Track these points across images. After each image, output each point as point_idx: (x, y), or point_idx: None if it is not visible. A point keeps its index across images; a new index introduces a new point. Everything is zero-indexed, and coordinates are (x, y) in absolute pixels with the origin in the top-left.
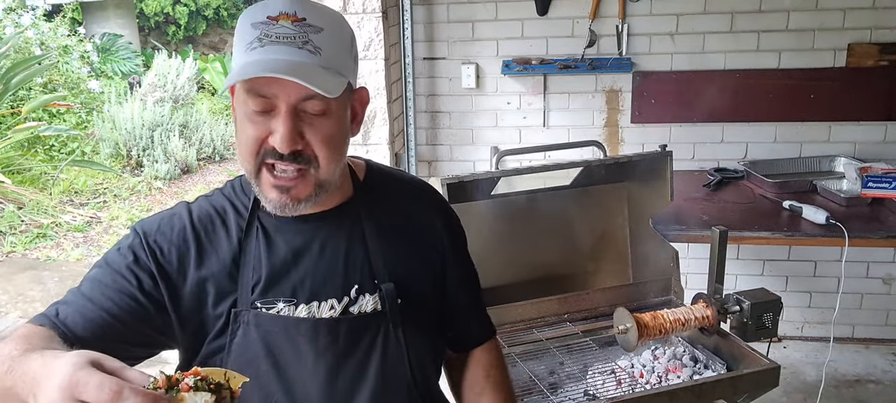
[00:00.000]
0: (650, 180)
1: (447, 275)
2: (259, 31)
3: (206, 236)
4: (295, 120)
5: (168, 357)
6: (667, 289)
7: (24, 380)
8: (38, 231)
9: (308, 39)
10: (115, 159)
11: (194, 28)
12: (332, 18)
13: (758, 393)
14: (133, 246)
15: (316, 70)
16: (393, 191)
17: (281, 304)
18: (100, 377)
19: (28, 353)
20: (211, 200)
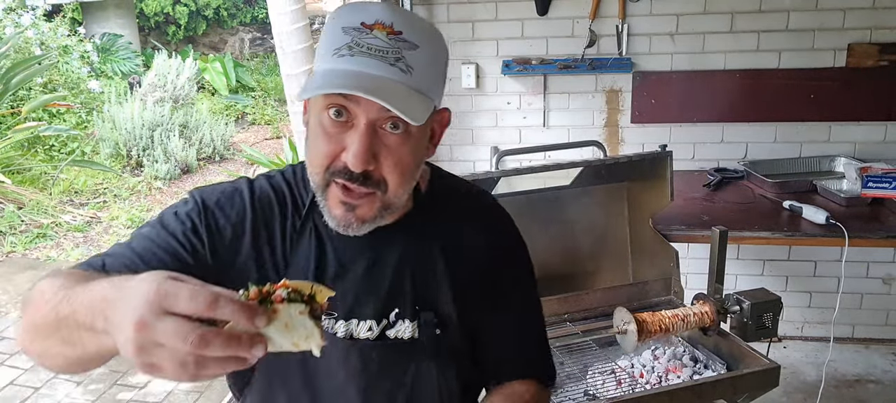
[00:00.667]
0: (650, 180)
1: (481, 297)
2: (350, 37)
3: (263, 221)
4: (371, 138)
5: None
6: (667, 289)
7: (90, 305)
8: (38, 231)
9: (401, 56)
10: (114, 159)
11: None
12: (430, 36)
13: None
14: (191, 213)
15: (404, 91)
16: (453, 210)
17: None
18: (191, 286)
19: (86, 282)
20: (272, 183)
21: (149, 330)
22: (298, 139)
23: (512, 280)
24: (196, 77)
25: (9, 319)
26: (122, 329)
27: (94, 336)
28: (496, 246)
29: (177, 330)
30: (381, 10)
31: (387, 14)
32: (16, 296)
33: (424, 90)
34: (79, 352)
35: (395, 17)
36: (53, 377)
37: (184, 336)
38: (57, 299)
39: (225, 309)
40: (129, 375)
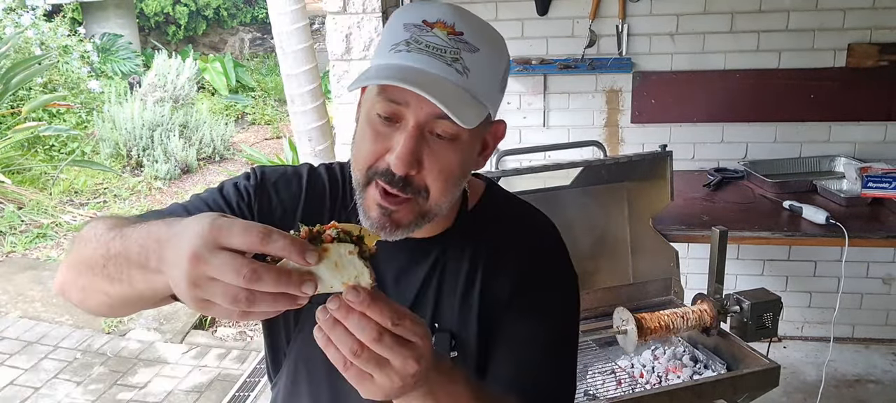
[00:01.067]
0: (650, 180)
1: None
2: (410, 33)
3: (311, 211)
4: (418, 140)
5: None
6: (667, 289)
7: (143, 242)
8: (38, 231)
9: (459, 57)
10: (114, 159)
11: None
12: (492, 40)
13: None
14: (249, 187)
15: (458, 92)
16: (496, 233)
17: None
18: (244, 221)
19: (138, 222)
20: (330, 175)
21: (203, 264)
22: (298, 139)
23: (535, 322)
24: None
25: (9, 319)
26: (176, 264)
27: (145, 274)
28: (529, 284)
29: (230, 263)
30: (445, 9)
31: (450, 13)
32: (16, 296)
33: (479, 95)
34: (124, 290)
35: (457, 17)
36: (53, 377)
37: (237, 269)
38: (110, 236)
39: (277, 244)
40: (128, 375)
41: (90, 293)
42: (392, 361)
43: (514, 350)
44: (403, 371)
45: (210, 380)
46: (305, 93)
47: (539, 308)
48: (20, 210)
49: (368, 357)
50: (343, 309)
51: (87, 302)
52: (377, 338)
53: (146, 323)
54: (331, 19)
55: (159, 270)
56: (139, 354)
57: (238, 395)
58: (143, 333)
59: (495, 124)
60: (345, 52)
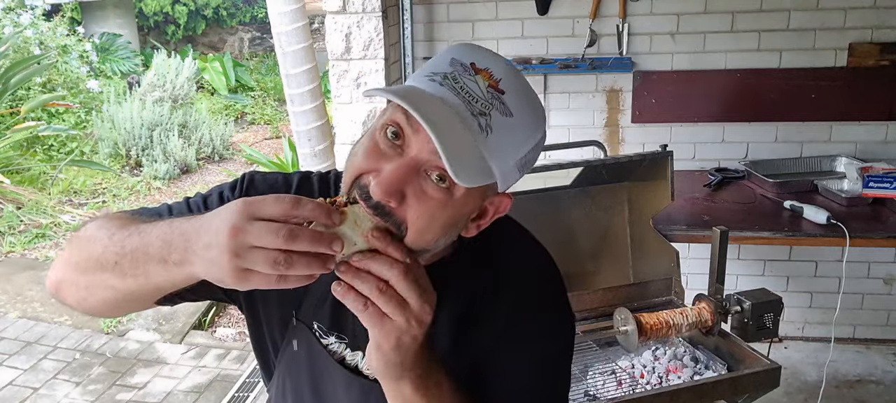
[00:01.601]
0: (651, 180)
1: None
2: (453, 69)
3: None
4: (409, 173)
5: None
6: (668, 289)
7: (165, 238)
8: (37, 231)
9: (488, 113)
10: (114, 159)
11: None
12: (531, 114)
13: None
14: (233, 198)
15: (466, 144)
16: (489, 268)
17: (333, 338)
18: (274, 194)
19: (142, 221)
20: (321, 184)
21: (243, 234)
22: (297, 139)
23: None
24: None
25: (8, 319)
26: (212, 245)
27: (165, 267)
28: (511, 325)
29: (269, 228)
30: (500, 63)
31: (502, 68)
32: (15, 296)
33: (491, 160)
34: (138, 284)
35: (507, 74)
36: (52, 377)
37: (275, 231)
38: (125, 234)
39: (306, 208)
40: (127, 376)
41: (94, 290)
42: (411, 302)
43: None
44: (420, 314)
45: (209, 381)
46: (305, 92)
47: (532, 354)
48: (19, 210)
49: (390, 296)
50: (367, 256)
51: (87, 300)
52: (403, 274)
53: (145, 323)
54: (330, 19)
55: (183, 262)
56: (138, 354)
57: (237, 396)
58: (142, 333)
59: (500, 196)
60: (344, 52)
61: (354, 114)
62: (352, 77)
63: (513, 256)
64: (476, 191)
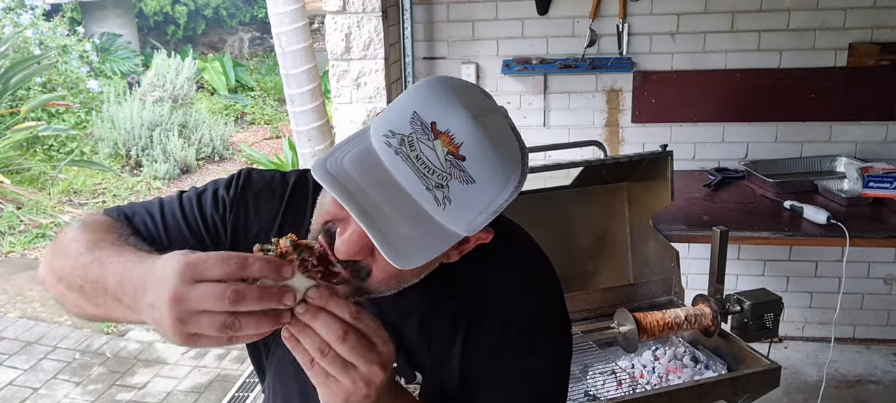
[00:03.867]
0: (651, 180)
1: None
2: (412, 129)
3: (289, 225)
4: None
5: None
6: (667, 290)
7: (120, 278)
8: (37, 231)
9: (445, 185)
10: (114, 159)
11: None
12: (497, 171)
13: (758, 394)
14: (226, 197)
15: (416, 226)
16: (483, 273)
17: None
18: (217, 254)
19: (117, 245)
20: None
21: (185, 301)
22: (297, 139)
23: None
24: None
25: (8, 319)
26: (156, 308)
27: (120, 307)
28: (513, 328)
29: (212, 291)
30: (463, 120)
31: (464, 129)
32: (15, 297)
33: (452, 227)
34: (101, 313)
35: (470, 136)
36: (52, 377)
37: (220, 295)
38: (89, 259)
39: (254, 267)
40: (127, 376)
41: (67, 302)
42: (357, 364)
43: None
44: (368, 375)
45: (209, 381)
46: (305, 92)
47: (529, 368)
48: (19, 210)
49: (334, 358)
50: (310, 310)
51: (64, 305)
52: (342, 337)
53: None
54: (330, 19)
55: (134, 308)
56: (138, 354)
57: (237, 396)
58: (142, 333)
59: (480, 234)
60: (344, 52)
61: (354, 114)
62: (352, 77)
63: (509, 261)
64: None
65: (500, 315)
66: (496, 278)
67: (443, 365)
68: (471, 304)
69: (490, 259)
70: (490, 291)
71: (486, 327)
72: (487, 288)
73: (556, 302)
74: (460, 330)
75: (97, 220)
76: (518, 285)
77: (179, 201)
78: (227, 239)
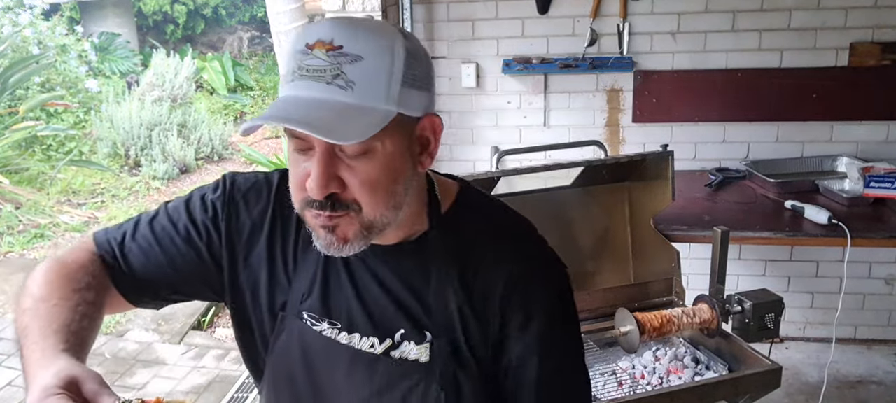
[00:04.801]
0: (651, 180)
1: (506, 350)
2: (295, 62)
3: (281, 224)
4: (330, 162)
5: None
6: (668, 290)
7: (26, 364)
8: (36, 231)
9: (340, 73)
10: (112, 159)
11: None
12: (376, 41)
13: (759, 394)
14: (216, 201)
15: (342, 111)
16: (479, 232)
17: (325, 324)
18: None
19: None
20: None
21: None
22: None
23: (524, 324)
24: (194, 76)
25: (7, 320)
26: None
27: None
28: (513, 280)
29: None
30: (324, 26)
31: (327, 29)
32: (14, 297)
33: (373, 103)
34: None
35: (336, 31)
36: None
37: None
38: (23, 322)
39: None
40: (126, 376)
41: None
42: None
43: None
44: None
45: (209, 381)
46: None
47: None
48: (18, 210)
49: None
50: None
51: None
52: None
53: (144, 323)
54: None
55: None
56: (137, 355)
57: (237, 396)
58: (141, 334)
59: (424, 120)
60: None
61: None
62: None
63: (493, 220)
64: (397, 132)
65: (500, 268)
66: (490, 227)
67: (450, 327)
68: (470, 255)
69: (477, 213)
70: (487, 239)
71: (493, 273)
72: (483, 237)
73: (544, 239)
74: (464, 284)
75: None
76: (514, 230)
77: (166, 213)
78: (221, 241)
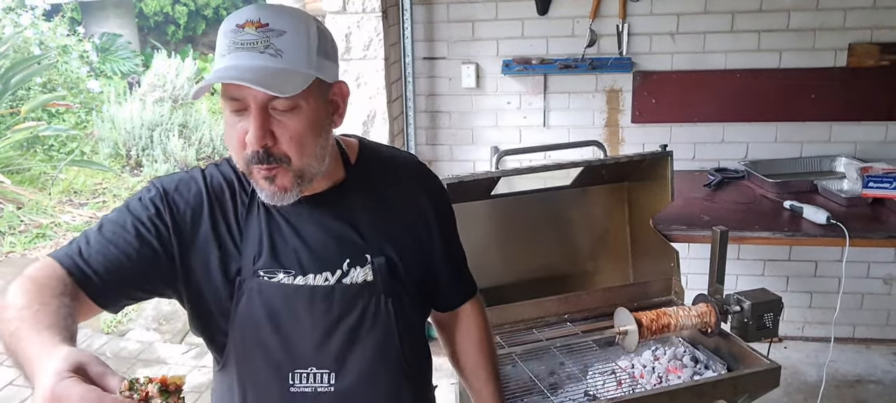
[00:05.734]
0: (651, 180)
1: (433, 248)
2: (228, 39)
3: (218, 203)
4: (264, 118)
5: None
6: (667, 289)
7: (24, 362)
8: (38, 231)
9: (270, 43)
10: (114, 159)
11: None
12: (295, 20)
13: (758, 394)
14: (154, 199)
15: (274, 72)
16: (382, 170)
17: (281, 274)
18: (80, 390)
19: (33, 325)
20: (220, 170)
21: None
22: None
23: (444, 222)
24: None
25: None
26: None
27: (23, 373)
28: (425, 193)
29: None
30: (251, 10)
31: (254, 12)
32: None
33: (298, 67)
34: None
35: (261, 12)
36: None
37: None
38: (13, 326)
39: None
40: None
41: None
42: None
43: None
44: None
45: (209, 381)
46: None
47: (446, 219)
48: (19, 210)
49: None
50: None
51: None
52: None
53: (145, 323)
54: (330, 19)
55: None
56: (138, 354)
57: None
58: (142, 333)
59: (336, 85)
60: (344, 52)
61: (354, 114)
62: (352, 77)
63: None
64: (316, 94)
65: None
66: (390, 163)
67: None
68: (384, 186)
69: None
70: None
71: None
72: (389, 171)
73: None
74: (387, 209)
75: (37, 278)
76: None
77: (112, 221)
78: (169, 231)
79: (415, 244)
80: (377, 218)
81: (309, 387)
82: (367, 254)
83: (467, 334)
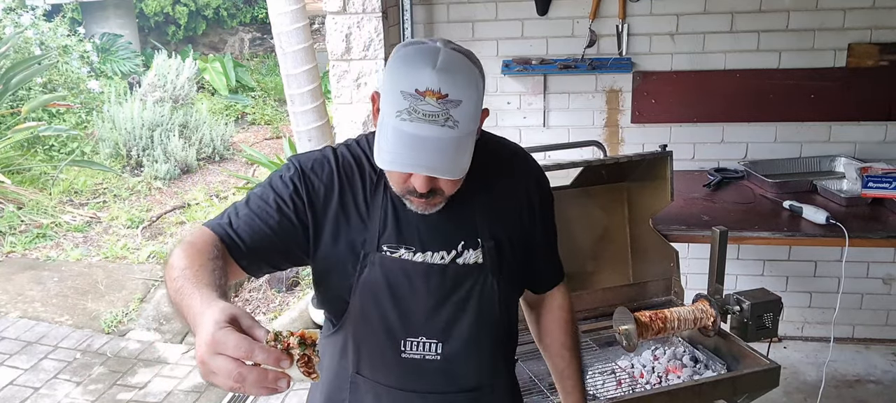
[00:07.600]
0: (650, 180)
1: (535, 231)
2: (408, 103)
3: (348, 182)
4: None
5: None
6: (667, 289)
7: (187, 312)
8: (38, 231)
9: (449, 116)
10: (114, 159)
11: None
12: (468, 83)
13: (758, 393)
14: (293, 177)
15: (453, 146)
16: (492, 159)
17: (403, 250)
18: (236, 338)
19: (194, 283)
20: (351, 151)
21: (206, 364)
22: (298, 139)
23: (545, 208)
24: (196, 77)
25: (8, 319)
26: (197, 346)
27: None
28: (530, 180)
29: (225, 368)
30: (431, 76)
31: (435, 80)
32: (15, 296)
33: (469, 131)
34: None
35: (441, 81)
36: (53, 377)
37: (228, 373)
38: (177, 285)
39: (259, 356)
40: (128, 375)
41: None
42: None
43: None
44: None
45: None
46: (305, 93)
47: (547, 205)
48: (20, 210)
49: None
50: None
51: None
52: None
53: (146, 323)
54: (331, 19)
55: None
56: (139, 354)
57: (238, 396)
58: (142, 333)
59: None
60: (345, 52)
61: (355, 114)
62: (352, 77)
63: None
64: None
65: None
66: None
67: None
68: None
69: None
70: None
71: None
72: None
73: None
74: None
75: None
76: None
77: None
78: (304, 205)
79: (520, 229)
80: (489, 204)
81: (418, 354)
82: (479, 238)
83: (555, 316)
